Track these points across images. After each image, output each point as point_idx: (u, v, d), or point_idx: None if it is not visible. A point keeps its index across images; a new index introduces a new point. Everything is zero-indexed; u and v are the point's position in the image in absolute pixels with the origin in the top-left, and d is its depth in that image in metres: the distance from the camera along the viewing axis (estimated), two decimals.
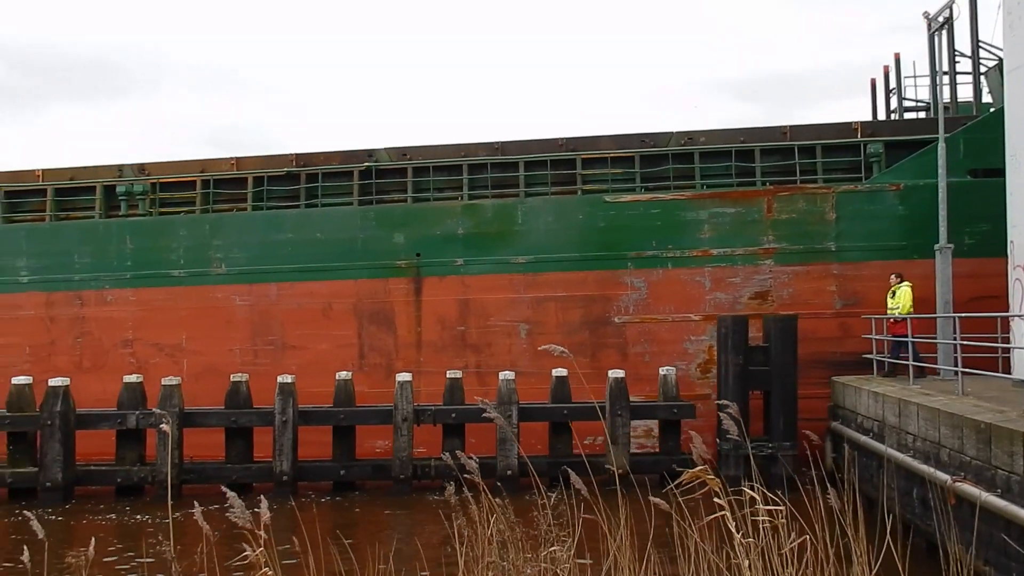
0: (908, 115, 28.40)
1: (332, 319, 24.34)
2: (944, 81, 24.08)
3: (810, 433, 10.07)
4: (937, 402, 14.64)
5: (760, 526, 6.67)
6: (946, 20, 21.73)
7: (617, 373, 20.97)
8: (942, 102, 22.66)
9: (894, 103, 29.06)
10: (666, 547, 7.58)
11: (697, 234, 23.43)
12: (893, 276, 20.37)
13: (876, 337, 20.57)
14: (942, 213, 20.56)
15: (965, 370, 16.02)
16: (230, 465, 21.03)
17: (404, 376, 21.14)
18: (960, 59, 24.59)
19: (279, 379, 20.98)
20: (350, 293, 24.33)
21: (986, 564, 11.55)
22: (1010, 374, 16.78)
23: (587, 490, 7.50)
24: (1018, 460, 11.04)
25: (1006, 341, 17.73)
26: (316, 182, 25.54)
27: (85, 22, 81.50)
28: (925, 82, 27.46)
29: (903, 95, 28.60)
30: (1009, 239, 18.19)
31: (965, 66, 24.92)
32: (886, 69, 29.35)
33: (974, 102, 24.82)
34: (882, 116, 29.34)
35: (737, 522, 6.40)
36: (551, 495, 8.21)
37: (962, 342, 16.55)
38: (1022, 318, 16.95)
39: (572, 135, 25.08)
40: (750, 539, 6.55)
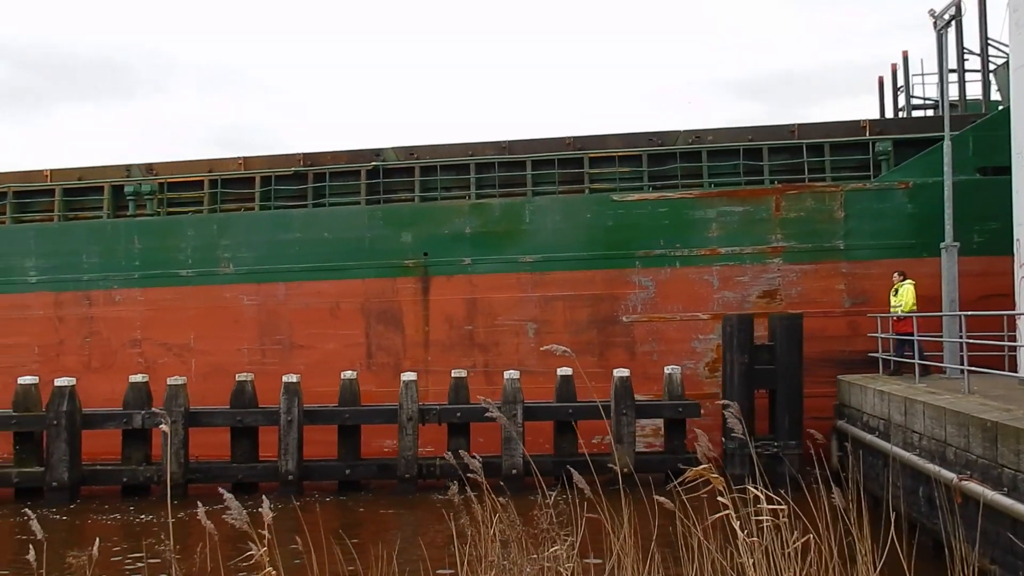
0: (916, 113, 28.34)
1: (340, 318, 24.35)
2: (953, 79, 24.01)
3: (814, 432, 10.02)
4: (943, 400, 14.59)
5: (763, 525, 6.65)
6: (952, 18, 21.66)
7: (622, 372, 20.93)
8: (948, 100, 22.59)
9: (902, 101, 29.01)
10: (670, 546, 7.56)
11: (705, 233, 23.38)
12: (896, 274, 20.34)
13: (882, 336, 20.53)
14: (948, 212, 20.48)
15: (971, 368, 15.97)
16: (235, 464, 21.05)
17: (409, 375, 21.13)
18: (969, 57, 24.51)
19: (284, 378, 20.97)
20: (358, 292, 24.34)
21: (992, 563, 11.50)
22: (1016, 372, 16.74)
23: (591, 489, 7.48)
24: None
25: (1012, 339, 17.68)
26: (323, 181, 25.54)
27: (89, 22, 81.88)
28: (933, 80, 27.44)
29: (911, 93, 28.54)
30: (1015, 237, 18.13)
31: (974, 64, 24.85)
32: (894, 67, 29.30)
33: (983, 100, 24.75)
34: (890, 114, 29.28)
35: (741, 521, 6.38)
36: (551, 493, 8.19)
37: (968, 340, 16.50)
38: None
39: (579, 134, 25.06)
40: (754, 538, 6.53)
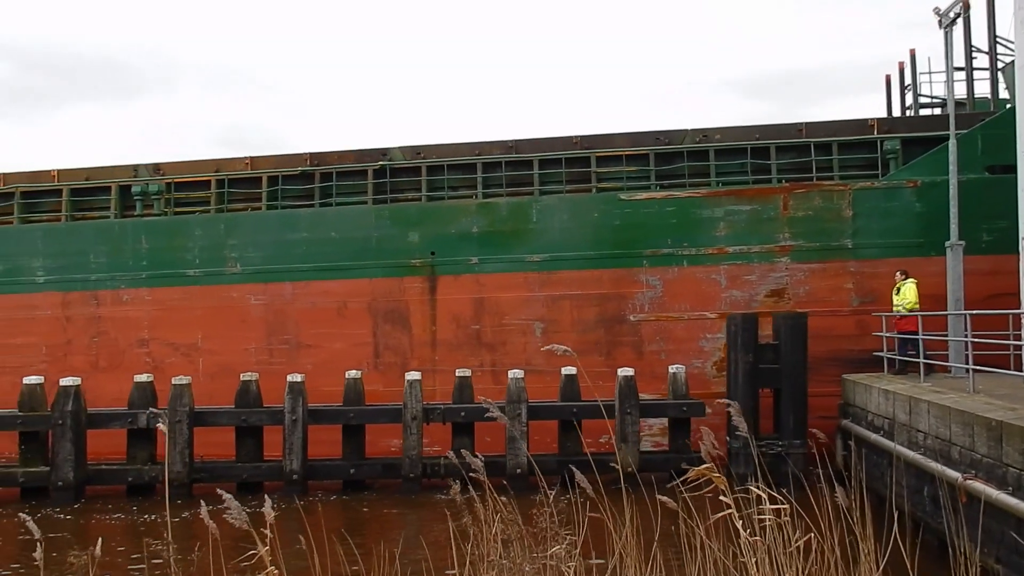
0: (924, 112, 28.26)
1: (347, 318, 24.35)
2: (960, 77, 23.93)
3: (817, 431, 9.99)
4: (948, 399, 14.54)
5: (766, 524, 6.62)
6: (957, 16, 21.60)
7: (626, 371, 20.88)
8: (953, 98, 22.51)
9: (909, 99, 28.93)
10: (673, 546, 7.54)
11: (713, 232, 23.34)
12: (898, 273, 20.31)
13: (887, 335, 20.48)
14: (953, 210, 20.42)
15: (976, 367, 15.91)
16: (240, 464, 21.03)
17: (413, 375, 21.12)
18: (977, 55, 24.45)
19: (289, 378, 20.94)
20: (365, 292, 24.34)
21: (997, 562, 11.48)
22: (1022, 371, 16.64)
23: (593, 489, 7.45)
24: None
25: (1018, 338, 17.58)
26: (330, 181, 25.56)
27: (92, 22, 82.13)
28: (941, 78, 27.37)
29: (918, 91, 28.46)
30: (1021, 235, 18.06)
31: (983, 62, 24.78)
32: (901, 65, 29.24)
33: (991, 98, 24.65)
34: (897, 113, 29.20)
35: (743, 520, 6.36)
36: (551, 492, 8.16)
37: (973, 339, 16.43)
38: None
39: (586, 133, 25.03)
40: (756, 537, 6.51)
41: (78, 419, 20.36)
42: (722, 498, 6.40)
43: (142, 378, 21.49)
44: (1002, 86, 24.65)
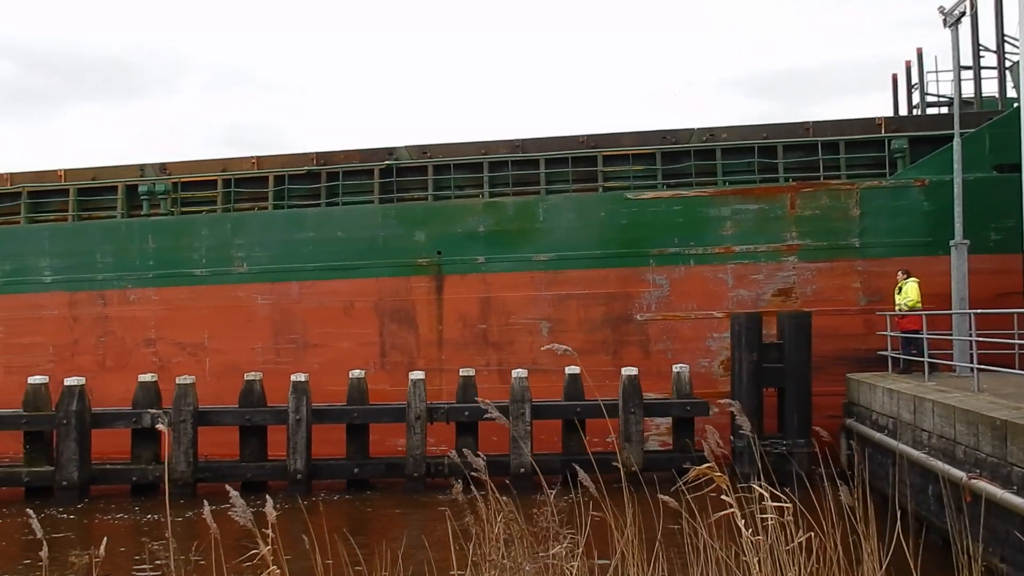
0: (931, 110, 28.19)
1: (353, 317, 24.35)
2: (968, 76, 23.86)
3: (820, 430, 9.95)
4: (952, 399, 14.50)
5: (768, 523, 6.61)
6: (961, 14, 21.53)
7: (630, 371, 20.85)
8: (959, 97, 22.46)
9: (916, 98, 28.86)
10: (675, 545, 7.53)
11: (719, 231, 23.30)
12: (900, 272, 20.26)
13: (890, 334, 20.42)
14: (957, 209, 20.34)
15: (981, 367, 15.87)
16: (244, 464, 21.04)
17: (417, 374, 21.11)
18: (985, 53, 24.37)
19: (293, 377, 20.94)
20: (371, 291, 24.34)
21: (1002, 561, 11.47)
22: None
23: (596, 488, 7.43)
24: None
25: (1022, 337, 17.52)
26: (337, 180, 25.56)
27: (95, 22, 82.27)
28: (948, 77, 27.28)
29: (925, 90, 28.39)
30: None
31: (991, 60, 24.71)
32: (908, 64, 29.16)
33: (999, 97, 24.57)
34: (904, 111, 29.13)
35: (746, 519, 6.34)
36: (551, 491, 8.15)
37: (977, 338, 16.39)
38: None
39: (593, 132, 25.00)
40: (759, 536, 6.49)
41: (82, 419, 20.39)
42: (724, 497, 6.38)
43: (146, 378, 21.49)
44: (1010, 85, 24.59)
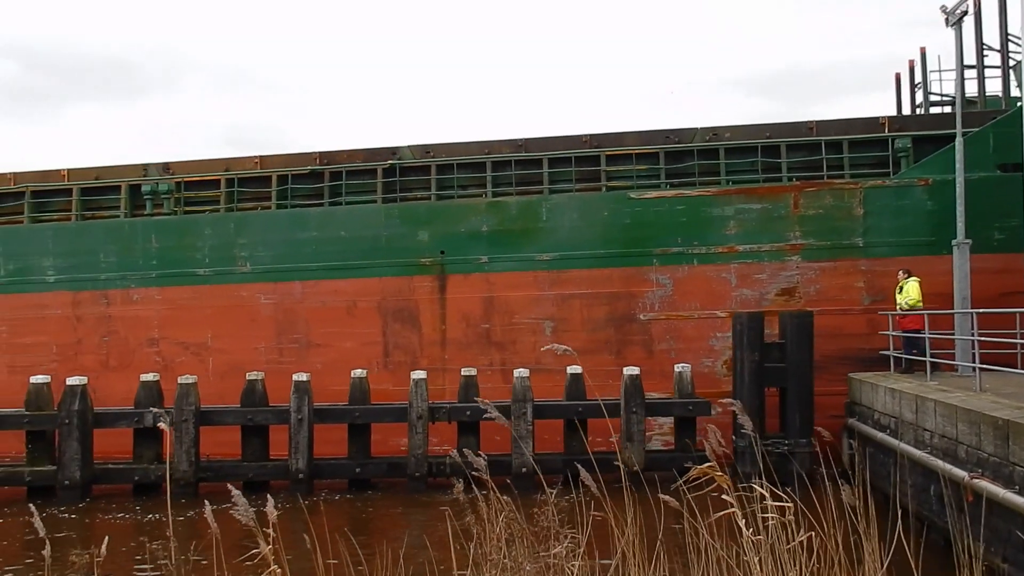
0: (935, 109, 28.15)
1: (357, 317, 24.35)
2: (972, 75, 23.82)
3: (822, 430, 9.95)
4: (954, 398, 14.48)
5: (768, 523, 6.61)
6: (963, 13, 21.50)
7: (632, 370, 20.83)
8: (961, 96, 22.42)
9: (920, 97, 28.81)
10: (676, 544, 7.53)
11: (723, 230, 23.28)
12: (901, 272, 20.24)
13: (893, 333, 20.40)
14: (959, 209, 20.30)
15: (983, 366, 15.85)
16: (246, 463, 21.04)
17: (419, 374, 21.11)
18: (988, 52, 24.32)
19: (294, 377, 20.95)
20: (374, 291, 24.33)
21: (1004, 561, 11.46)
22: None
23: (597, 488, 7.43)
24: None
25: None
26: (340, 180, 25.56)
27: (96, 22, 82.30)
28: (951, 76, 27.21)
29: (929, 89, 28.35)
30: None
31: (995, 59, 24.65)
32: (911, 63, 29.12)
33: (1003, 96, 24.54)
34: (907, 111, 29.10)
35: (747, 519, 6.34)
36: (552, 491, 8.15)
37: (980, 338, 16.36)
38: None
39: (596, 132, 25.00)
40: (760, 536, 6.49)
41: (84, 418, 20.40)
42: (725, 497, 6.38)
43: (148, 377, 21.49)
44: (1014, 84, 24.53)
